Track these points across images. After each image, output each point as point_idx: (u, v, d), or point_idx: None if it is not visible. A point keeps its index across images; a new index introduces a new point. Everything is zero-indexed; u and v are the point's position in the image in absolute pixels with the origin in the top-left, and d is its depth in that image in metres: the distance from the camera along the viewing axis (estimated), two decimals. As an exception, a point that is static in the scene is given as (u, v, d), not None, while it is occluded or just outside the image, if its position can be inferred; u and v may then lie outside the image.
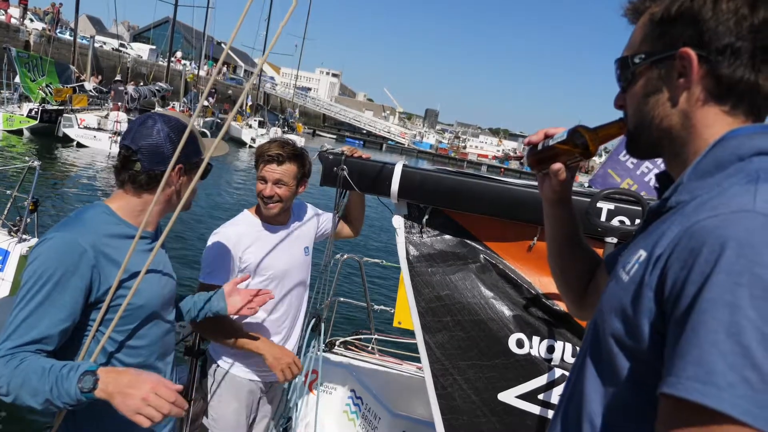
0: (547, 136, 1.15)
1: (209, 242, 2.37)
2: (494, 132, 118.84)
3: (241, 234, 2.39)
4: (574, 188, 1.80)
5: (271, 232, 2.46)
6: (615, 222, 1.71)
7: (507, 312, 1.88)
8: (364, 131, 63.61)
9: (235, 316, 2.15)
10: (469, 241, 1.96)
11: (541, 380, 1.81)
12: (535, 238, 1.86)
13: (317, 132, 56.96)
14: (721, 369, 0.67)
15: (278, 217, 2.44)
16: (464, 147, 70.63)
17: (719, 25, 0.84)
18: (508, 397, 1.83)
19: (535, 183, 1.77)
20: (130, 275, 1.53)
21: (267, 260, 2.41)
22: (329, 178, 2.03)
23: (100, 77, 24.77)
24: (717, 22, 0.84)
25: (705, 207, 0.79)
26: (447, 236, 1.97)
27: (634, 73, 0.94)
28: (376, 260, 3.72)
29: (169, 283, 1.74)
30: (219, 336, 2.29)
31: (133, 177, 1.60)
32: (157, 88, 26.35)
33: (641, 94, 0.93)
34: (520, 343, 1.83)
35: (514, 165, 60.71)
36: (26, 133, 18.51)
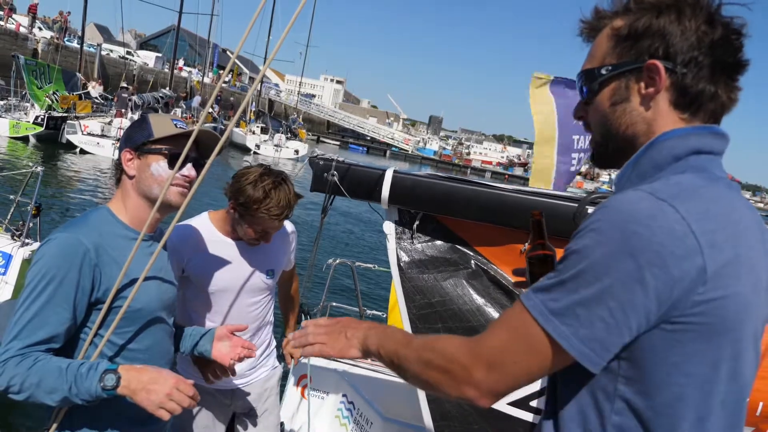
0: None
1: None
2: (498, 138, 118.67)
3: (188, 240, 2.16)
4: (562, 192, 1.83)
5: (228, 245, 2.22)
6: None
7: None
8: (368, 138, 63.63)
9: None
10: (460, 247, 1.94)
11: (533, 387, 1.78)
12: (526, 244, 1.82)
13: (321, 138, 57.02)
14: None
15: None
16: (468, 153, 70.56)
17: (684, 41, 0.90)
18: (500, 404, 1.81)
19: (526, 188, 1.84)
20: (129, 279, 1.53)
21: (215, 276, 2.18)
22: (319, 183, 2.04)
23: (96, 83, 24.63)
24: (682, 37, 0.91)
25: None
26: (438, 242, 1.95)
27: (601, 83, 0.99)
28: (369, 265, 3.72)
29: (169, 289, 1.74)
30: None
31: (117, 174, 1.67)
32: (160, 95, 26.49)
33: (608, 103, 0.99)
34: None
35: (518, 171, 60.59)
36: (32, 140, 18.62)
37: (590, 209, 1.70)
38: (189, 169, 1.62)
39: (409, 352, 1.03)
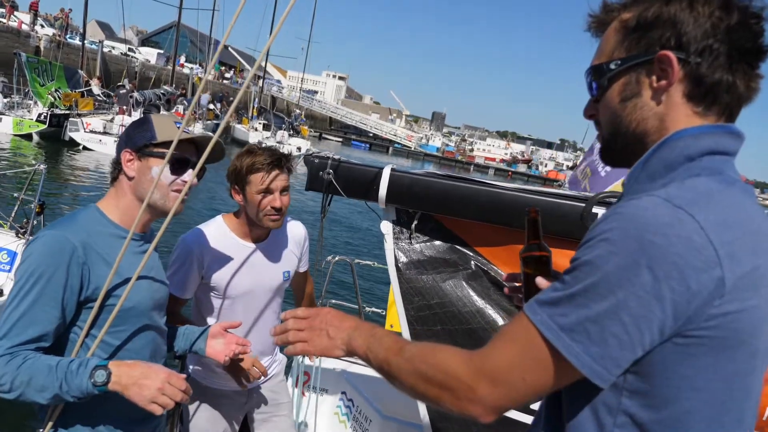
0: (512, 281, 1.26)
1: (175, 247, 2.15)
2: (502, 135, 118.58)
3: (206, 246, 2.13)
4: (568, 192, 1.80)
5: (245, 248, 2.20)
6: None
7: (499, 321, 1.80)
8: (371, 134, 63.59)
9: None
10: (459, 247, 1.90)
11: None
12: None
13: (323, 135, 56.99)
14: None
15: (257, 231, 2.20)
16: (471, 150, 70.44)
17: (697, 28, 0.86)
18: None
19: (527, 187, 1.81)
20: (121, 278, 1.52)
21: (234, 281, 2.16)
22: (315, 182, 1.98)
23: (97, 80, 24.44)
24: (695, 24, 0.86)
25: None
26: (437, 242, 1.90)
27: (610, 79, 0.94)
28: (368, 262, 3.72)
29: (160, 288, 1.72)
30: None
31: (114, 173, 1.65)
32: (162, 91, 26.49)
33: (618, 99, 0.94)
34: None
35: (521, 168, 60.54)
36: (35, 138, 18.66)
37: (596, 210, 1.64)
38: (189, 176, 1.60)
39: (403, 362, 0.98)
